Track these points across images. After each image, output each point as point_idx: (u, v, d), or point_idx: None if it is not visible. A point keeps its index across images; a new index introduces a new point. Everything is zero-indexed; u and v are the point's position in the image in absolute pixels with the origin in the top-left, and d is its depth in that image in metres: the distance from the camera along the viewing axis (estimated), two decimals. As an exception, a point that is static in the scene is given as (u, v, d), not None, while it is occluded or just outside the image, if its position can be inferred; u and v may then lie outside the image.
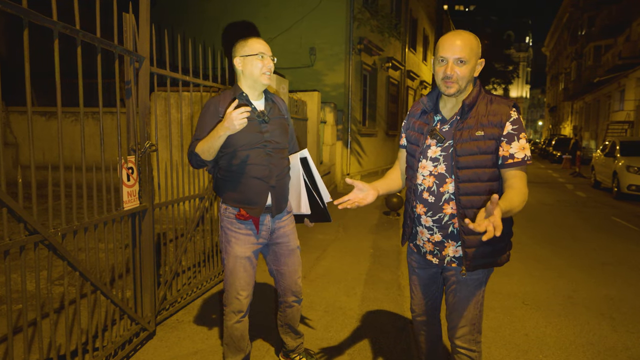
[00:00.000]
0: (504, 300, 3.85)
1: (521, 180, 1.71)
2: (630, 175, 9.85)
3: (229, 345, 2.38)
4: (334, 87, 11.74)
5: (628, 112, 21.58)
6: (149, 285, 2.96)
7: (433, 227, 1.85)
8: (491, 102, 1.76)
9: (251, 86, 2.25)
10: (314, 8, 11.49)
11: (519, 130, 1.71)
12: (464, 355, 1.93)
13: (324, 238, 5.92)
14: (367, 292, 4.01)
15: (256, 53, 2.18)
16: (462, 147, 1.74)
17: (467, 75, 1.73)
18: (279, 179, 2.28)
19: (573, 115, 36.67)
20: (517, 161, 1.69)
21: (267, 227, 2.32)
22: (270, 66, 2.23)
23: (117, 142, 2.62)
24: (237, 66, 2.24)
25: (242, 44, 2.22)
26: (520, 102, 72.34)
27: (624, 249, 5.73)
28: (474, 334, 1.92)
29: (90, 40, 2.29)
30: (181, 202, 3.42)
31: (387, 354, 2.90)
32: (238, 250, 2.27)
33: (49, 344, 2.64)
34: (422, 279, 2.05)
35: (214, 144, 2.05)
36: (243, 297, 2.30)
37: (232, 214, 2.27)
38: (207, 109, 2.22)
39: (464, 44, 1.70)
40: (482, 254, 1.79)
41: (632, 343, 3.11)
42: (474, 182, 1.74)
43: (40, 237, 2.01)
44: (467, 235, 1.77)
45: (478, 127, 1.73)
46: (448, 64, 1.73)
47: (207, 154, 2.10)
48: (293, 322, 2.58)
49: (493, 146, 1.71)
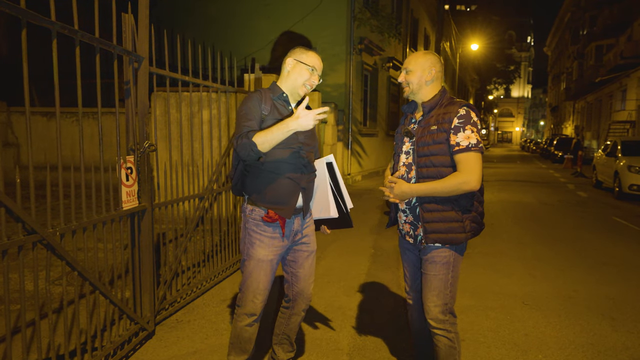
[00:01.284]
0: (504, 300, 3.84)
1: (466, 164, 2.01)
2: (632, 175, 9.83)
3: (234, 345, 2.35)
4: (335, 87, 11.74)
5: (630, 111, 21.53)
6: (148, 285, 2.96)
7: (406, 210, 2.21)
8: (448, 105, 2.11)
9: (290, 91, 2.29)
10: (315, 8, 11.50)
11: (464, 123, 2.03)
12: (440, 335, 2.13)
13: (324, 238, 5.91)
14: (366, 292, 4.00)
15: (310, 65, 2.26)
16: (420, 139, 2.11)
17: (414, 80, 2.16)
18: (309, 181, 2.30)
19: (575, 115, 36.60)
20: (462, 148, 2.01)
21: (293, 230, 2.30)
22: (315, 82, 2.30)
23: (116, 142, 2.62)
24: (287, 66, 2.29)
25: (303, 51, 2.31)
26: (522, 101, 72.34)
27: (625, 249, 5.72)
28: (446, 314, 2.13)
29: (89, 40, 2.29)
30: (181, 202, 3.43)
31: (387, 353, 2.89)
32: (261, 253, 2.23)
33: (48, 344, 2.65)
34: (411, 260, 2.30)
35: (279, 136, 1.99)
36: (259, 301, 2.27)
37: (258, 215, 2.22)
38: (250, 100, 2.18)
39: (410, 59, 2.22)
40: (438, 230, 2.08)
41: (632, 343, 3.10)
42: (428, 167, 2.08)
43: (39, 236, 2.01)
44: (425, 212, 2.09)
45: (434, 123, 2.10)
46: (402, 73, 2.23)
47: (267, 145, 2.01)
48: (292, 333, 2.52)
49: (443, 137, 2.05)
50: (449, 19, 27.31)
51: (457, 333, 2.16)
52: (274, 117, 2.18)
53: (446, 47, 27.27)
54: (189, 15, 12.46)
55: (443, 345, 2.13)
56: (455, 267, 2.13)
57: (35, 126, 9.17)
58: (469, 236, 2.10)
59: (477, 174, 2.00)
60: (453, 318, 2.16)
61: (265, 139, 1.99)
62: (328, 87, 11.69)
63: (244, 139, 2.04)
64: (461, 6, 50.70)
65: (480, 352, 2.92)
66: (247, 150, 2.02)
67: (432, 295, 2.12)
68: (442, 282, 2.11)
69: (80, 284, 3.63)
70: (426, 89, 2.17)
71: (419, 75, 2.16)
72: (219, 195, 4.02)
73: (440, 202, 2.06)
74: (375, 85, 14.27)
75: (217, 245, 4.08)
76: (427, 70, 2.15)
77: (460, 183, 1.99)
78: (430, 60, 2.17)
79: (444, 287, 2.11)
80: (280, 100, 2.26)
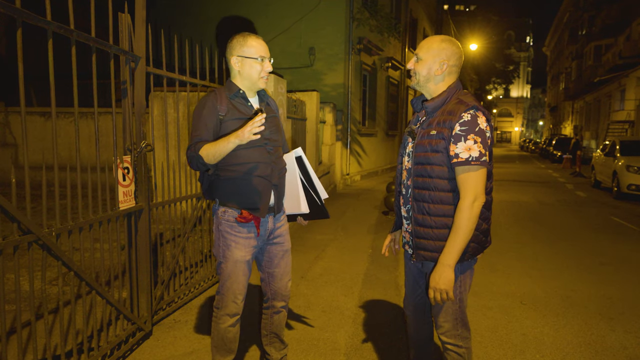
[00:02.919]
0: (502, 299, 3.84)
1: (465, 185, 1.77)
2: (630, 175, 9.83)
3: (218, 348, 2.32)
4: (334, 87, 11.74)
5: (628, 111, 21.55)
6: (145, 285, 2.95)
7: (408, 217, 1.99)
8: (455, 105, 1.83)
9: (248, 87, 2.21)
10: (314, 8, 11.49)
11: (467, 132, 1.75)
12: (452, 351, 1.97)
13: (323, 238, 5.92)
14: (365, 292, 4.00)
15: (256, 57, 2.13)
16: (418, 144, 1.88)
17: (422, 71, 1.90)
18: (280, 177, 2.27)
19: (573, 115, 36.63)
20: (461, 161, 1.75)
21: (267, 228, 2.28)
22: (269, 69, 2.18)
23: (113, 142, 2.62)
24: (234, 66, 2.17)
25: (241, 43, 2.14)
26: (521, 101, 72.29)
27: (623, 248, 5.72)
28: (458, 328, 1.95)
29: (85, 40, 2.29)
30: (178, 202, 3.42)
31: (384, 354, 2.89)
32: (238, 254, 2.21)
33: (44, 345, 2.64)
34: (411, 272, 2.11)
35: (222, 150, 1.96)
36: (240, 300, 2.26)
37: (232, 217, 2.18)
38: (204, 106, 2.13)
39: (424, 44, 1.92)
40: (426, 247, 1.88)
41: (629, 343, 3.10)
42: (424, 177, 1.85)
43: (34, 236, 2.01)
44: (416, 226, 1.90)
45: (434, 127, 1.83)
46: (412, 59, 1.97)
47: (212, 158, 1.99)
48: (279, 330, 2.50)
49: (443, 145, 1.79)
50: (447, 19, 27.31)
51: (468, 349, 1.98)
52: (232, 117, 2.13)
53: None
54: (187, 15, 12.44)
55: (452, 359, 1.98)
56: (462, 282, 1.92)
57: (33, 126, 9.15)
58: (467, 257, 1.86)
59: (480, 190, 1.76)
60: (466, 332, 1.97)
61: (209, 152, 1.99)
62: (327, 87, 11.69)
63: (191, 151, 2.05)
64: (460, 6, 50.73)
65: (478, 352, 2.92)
66: (195, 162, 2.05)
67: (441, 310, 1.96)
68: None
69: (77, 284, 3.63)
70: (433, 85, 1.91)
71: (428, 67, 1.88)
72: (216, 195, 4.01)
73: (434, 217, 1.84)
74: (374, 85, 14.26)
75: (215, 245, 4.07)
76: (438, 63, 1.86)
77: (469, 209, 1.74)
78: (446, 51, 1.86)
79: (452, 303, 1.93)
80: (238, 98, 2.19)
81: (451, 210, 1.82)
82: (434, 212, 1.84)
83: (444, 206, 1.83)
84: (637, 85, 21.08)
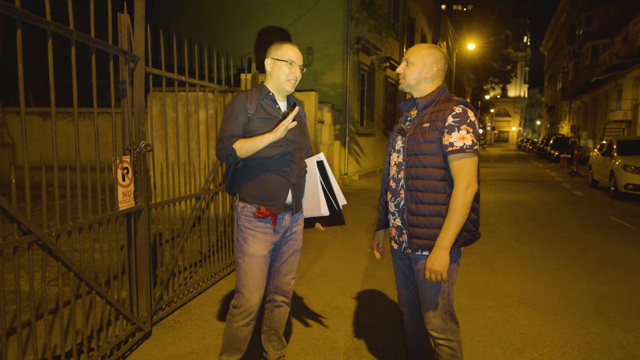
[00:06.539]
0: (500, 299, 3.85)
1: (459, 169, 1.88)
2: (627, 174, 9.86)
3: (227, 345, 2.35)
4: (332, 87, 11.75)
5: (625, 111, 21.61)
6: (144, 285, 2.96)
7: (395, 213, 2.09)
8: (444, 102, 1.99)
9: (276, 89, 2.31)
10: (312, 8, 11.49)
11: (460, 123, 1.90)
12: (443, 345, 2.05)
13: (322, 237, 5.92)
14: (364, 291, 4.01)
15: (286, 60, 2.24)
16: (411, 137, 2.00)
17: (412, 74, 2.04)
18: (299, 178, 2.33)
19: (571, 115, 36.72)
20: (456, 149, 1.88)
21: (284, 226, 2.34)
22: (297, 75, 2.28)
23: (112, 142, 2.62)
24: (267, 67, 2.30)
25: (277, 47, 2.28)
26: (518, 101, 72.45)
27: (620, 248, 5.74)
28: (447, 322, 2.04)
29: (85, 40, 2.29)
30: (177, 202, 3.42)
31: (383, 353, 2.90)
32: (255, 248, 2.26)
33: (44, 345, 2.64)
34: (400, 269, 2.21)
35: (256, 146, 2.09)
36: (256, 298, 2.28)
37: (250, 211, 2.26)
38: (236, 103, 2.24)
39: (412, 50, 2.08)
40: (421, 235, 1.97)
41: (627, 341, 3.11)
42: (417, 167, 1.96)
43: (34, 237, 2.01)
44: (410, 215, 1.99)
45: (427, 121, 1.98)
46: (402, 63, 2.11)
47: (244, 152, 2.11)
48: (279, 327, 2.52)
49: (435, 136, 1.93)
50: (445, 19, 27.36)
51: (459, 342, 2.07)
52: (259, 116, 2.24)
53: (443, 46, 27.30)
54: (186, 15, 12.44)
55: (445, 354, 2.05)
56: (450, 275, 2.01)
57: (31, 126, 9.14)
58: (458, 245, 1.96)
59: (473, 177, 1.88)
60: (455, 326, 2.06)
61: (244, 146, 2.10)
62: (325, 86, 11.69)
63: (224, 143, 2.13)
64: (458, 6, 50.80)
65: (476, 351, 2.93)
66: (226, 154, 2.14)
67: (429, 306, 2.04)
68: (438, 292, 2.02)
69: (77, 284, 3.63)
70: (424, 85, 2.06)
71: (418, 71, 2.04)
72: (215, 195, 4.02)
73: (427, 205, 1.94)
74: (373, 84, 14.28)
75: (213, 245, 4.08)
76: (428, 67, 2.03)
77: (463, 195, 1.85)
78: (434, 56, 2.04)
79: (441, 297, 2.02)
80: (267, 99, 2.30)
81: (444, 199, 1.93)
82: (427, 201, 1.95)
83: (436, 194, 1.93)
84: (634, 85, 21.13)
